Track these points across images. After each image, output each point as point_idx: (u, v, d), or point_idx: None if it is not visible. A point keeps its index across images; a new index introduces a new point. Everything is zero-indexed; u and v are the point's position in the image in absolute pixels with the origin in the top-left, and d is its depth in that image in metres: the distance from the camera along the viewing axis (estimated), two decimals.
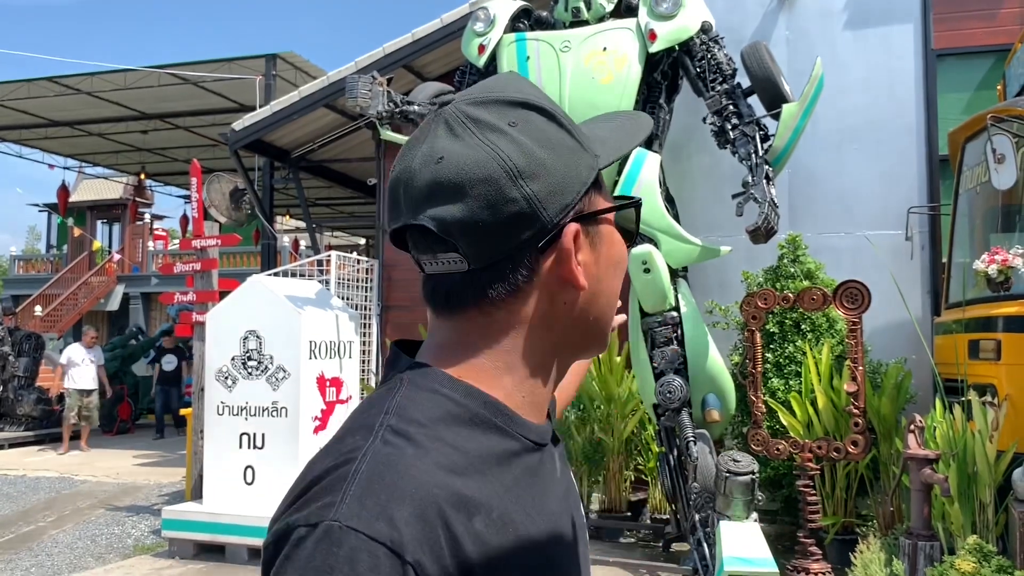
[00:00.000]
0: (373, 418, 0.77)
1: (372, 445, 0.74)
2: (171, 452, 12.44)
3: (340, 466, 0.72)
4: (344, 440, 0.77)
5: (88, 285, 23.56)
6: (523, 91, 0.83)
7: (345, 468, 0.72)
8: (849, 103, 7.48)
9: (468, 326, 0.83)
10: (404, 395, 0.79)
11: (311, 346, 6.77)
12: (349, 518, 0.67)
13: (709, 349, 5.72)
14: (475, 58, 6.31)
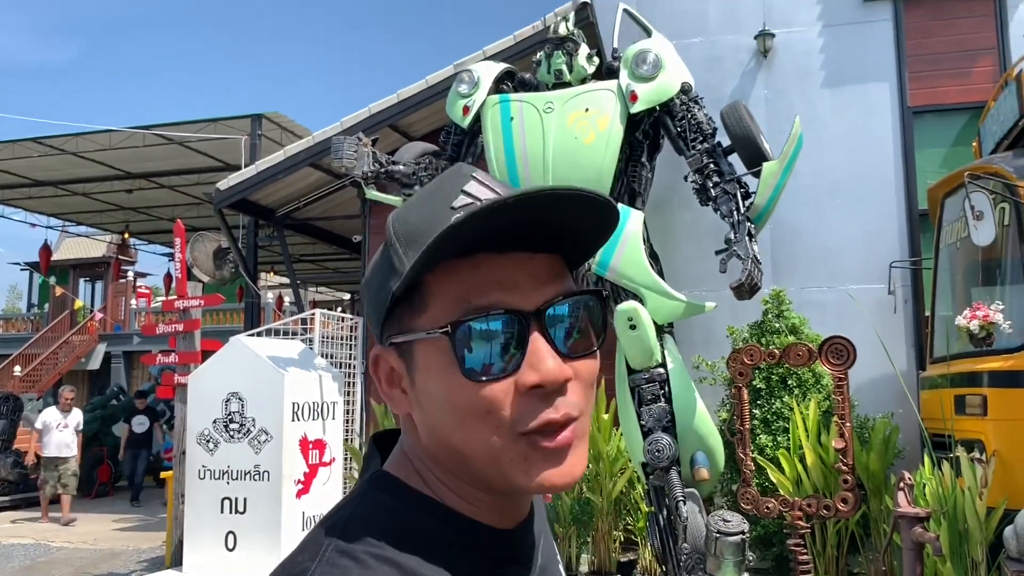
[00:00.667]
0: (323, 536, 0.76)
1: (318, 567, 0.73)
2: (151, 516, 12.17)
3: None
4: (295, 559, 0.76)
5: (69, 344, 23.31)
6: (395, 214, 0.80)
7: None
8: (829, 160, 7.59)
9: (406, 424, 0.83)
10: (359, 508, 0.79)
11: (294, 408, 6.69)
12: None
13: (697, 406, 5.69)
14: (460, 119, 6.37)
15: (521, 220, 0.73)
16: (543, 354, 0.73)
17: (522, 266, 0.76)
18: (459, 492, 0.79)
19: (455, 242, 0.71)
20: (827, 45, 7.83)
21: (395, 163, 6.42)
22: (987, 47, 7.58)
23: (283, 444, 6.52)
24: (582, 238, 0.79)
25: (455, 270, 0.74)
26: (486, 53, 8.40)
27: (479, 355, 0.73)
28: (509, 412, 0.73)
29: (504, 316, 0.73)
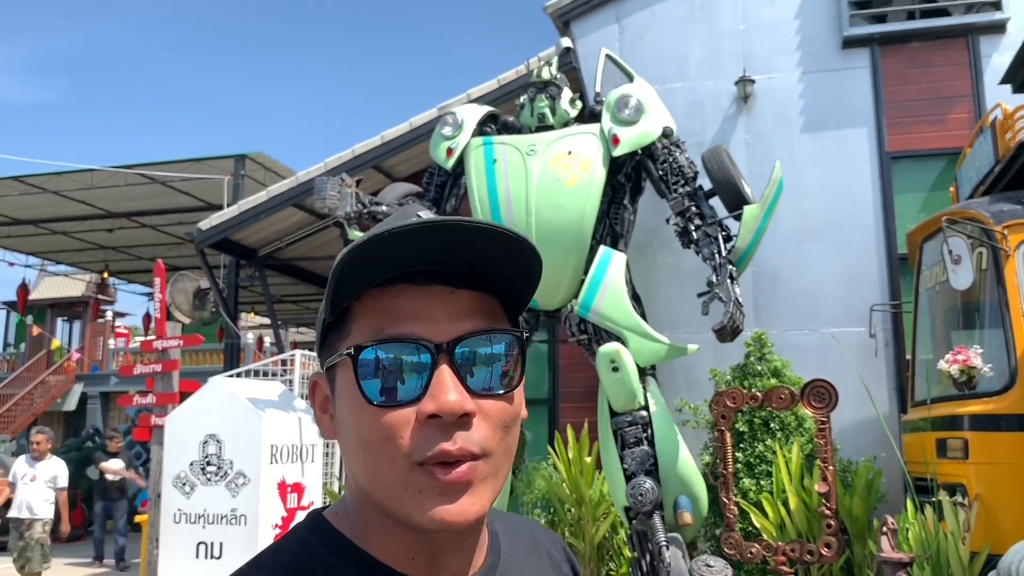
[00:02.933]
0: (244, 567, 0.80)
1: None
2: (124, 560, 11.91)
3: None
4: None
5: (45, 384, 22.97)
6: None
7: None
8: (809, 204, 7.66)
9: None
10: (280, 544, 0.83)
11: (272, 450, 6.59)
12: None
13: (680, 449, 5.66)
14: (443, 161, 6.40)
15: (435, 251, 0.74)
16: (445, 386, 0.73)
17: (442, 299, 0.76)
18: (385, 541, 0.79)
19: (371, 269, 0.74)
20: (806, 91, 7.95)
21: (378, 204, 6.43)
22: (963, 94, 7.73)
23: (261, 487, 6.41)
24: (509, 278, 0.79)
25: (376, 299, 0.76)
26: (470, 96, 8.46)
27: (381, 381, 0.74)
28: (407, 441, 0.73)
29: (411, 345, 0.74)
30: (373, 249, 0.73)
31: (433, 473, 0.73)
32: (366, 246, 0.72)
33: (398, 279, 0.76)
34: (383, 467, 0.74)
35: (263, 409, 6.68)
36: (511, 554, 0.91)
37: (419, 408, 0.73)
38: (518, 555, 0.93)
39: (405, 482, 0.73)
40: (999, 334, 5.30)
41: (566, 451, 6.80)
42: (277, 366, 9.06)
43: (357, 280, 0.76)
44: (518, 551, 0.94)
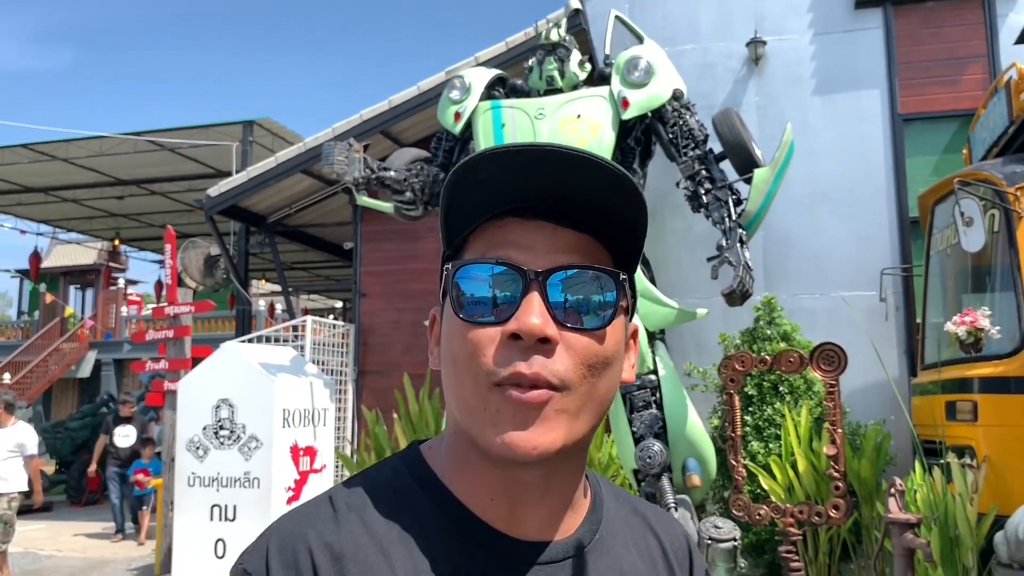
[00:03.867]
0: (338, 484, 0.86)
1: (307, 503, 0.84)
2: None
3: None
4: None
5: (59, 352, 23.19)
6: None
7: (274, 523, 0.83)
8: (820, 167, 7.61)
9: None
10: (375, 468, 0.87)
11: (284, 414, 6.65)
12: (243, 559, 0.79)
13: (688, 413, 5.69)
14: (451, 125, 6.37)
15: (541, 181, 0.77)
16: (531, 308, 0.74)
17: (545, 234, 0.78)
18: (467, 478, 0.81)
19: (480, 200, 0.78)
20: (818, 52, 7.85)
21: (386, 169, 6.41)
22: (977, 54, 7.62)
23: (273, 451, 6.48)
24: (614, 221, 0.80)
25: (485, 230, 0.80)
26: (478, 59, 8.40)
27: (475, 300, 0.77)
28: (488, 359, 0.75)
29: (506, 268, 0.76)
30: (483, 170, 0.76)
31: (508, 394, 0.74)
32: (475, 165, 0.76)
33: (506, 213, 0.79)
34: (466, 385, 0.76)
35: (275, 374, 6.73)
36: (614, 535, 0.89)
37: (504, 329, 0.75)
38: (622, 538, 0.90)
39: (484, 401, 0.75)
40: (1010, 297, 5.28)
41: None
42: (288, 332, 9.12)
43: (468, 212, 0.80)
44: (625, 534, 0.91)
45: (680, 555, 0.95)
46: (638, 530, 0.93)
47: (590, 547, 0.85)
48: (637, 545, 0.91)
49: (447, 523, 0.80)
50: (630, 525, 0.93)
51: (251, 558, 0.78)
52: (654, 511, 0.98)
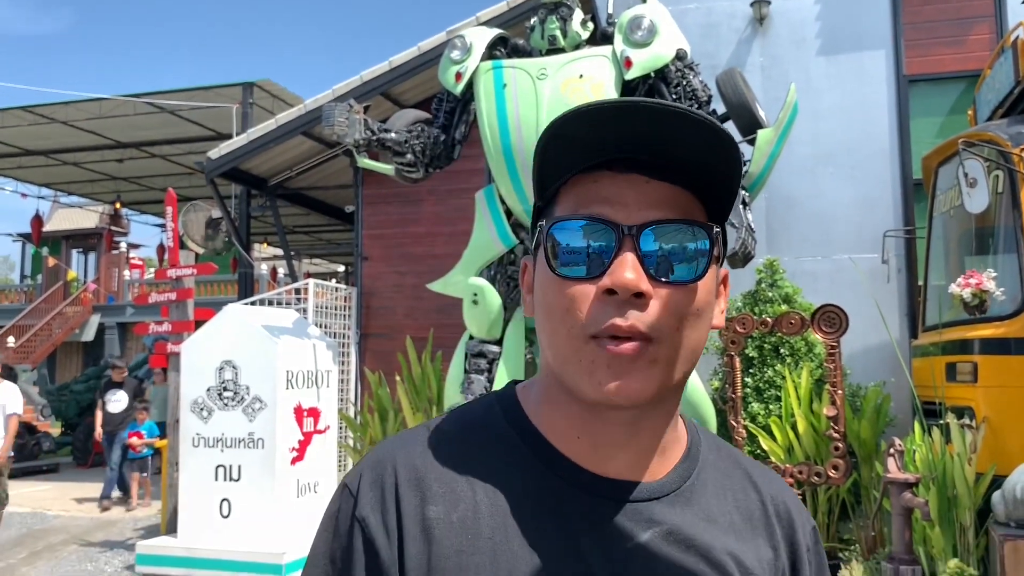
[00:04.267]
0: (435, 418, 0.92)
1: (402, 433, 0.90)
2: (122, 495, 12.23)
3: None
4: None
5: (63, 315, 23.26)
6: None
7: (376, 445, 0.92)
8: (824, 128, 7.56)
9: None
10: (473, 403, 0.93)
11: (288, 376, 6.69)
12: (346, 476, 0.87)
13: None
14: (452, 85, 6.31)
15: (633, 134, 0.77)
16: (625, 264, 0.76)
17: (637, 187, 0.79)
18: (556, 418, 0.85)
19: (574, 154, 0.80)
20: (823, 12, 7.76)
21: (387, 131, 6.37)
22: (984, 14, 7.53)
23: (277, 412, 6.53)
24: (707, 172, 0.80)
25: (578, 183, 0.81)
26: (479, 19, 8.31)
27: (569, 255, 0.79)
28: (583, 314, 0.77)
29: (600, 225, 0.78)
30: (573, 127, 0.77)
31: (603, 345, 0.77)
32: (566, 121, 0.77)
33: (599, 167, 0.80)
34: (560, 336, 0.79)
35: (278, 336, 6.76)
36: (705, 484, 0.89)
37: (599, 284, 0.77)
38: (716, 487, 0.90)
39: (578, 352, 0.78)
40: (1013, 258, 5.27)
41: None
42: (291, 295, 9.14)
43: (561, 165, 0.81)
44: (720, 484, 0.91)
45: (783, 515, 0.93)
46: (737, 483, 0.92)
47: (679, 492, 0.86)
48: (735, 497, 0.91)
49: (530, 456, 0.84)
50: (729, 476, 0.92)
51: (351, 475, 0.86)
52: (759, 468, 0.97)
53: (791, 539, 0.92)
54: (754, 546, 0.88)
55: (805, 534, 0.94)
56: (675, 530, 0.83)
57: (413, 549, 0.79)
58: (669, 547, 0.82)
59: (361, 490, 0.83)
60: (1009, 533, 4.26)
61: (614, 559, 0.80)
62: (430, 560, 0.78)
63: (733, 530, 0.88)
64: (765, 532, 0.90)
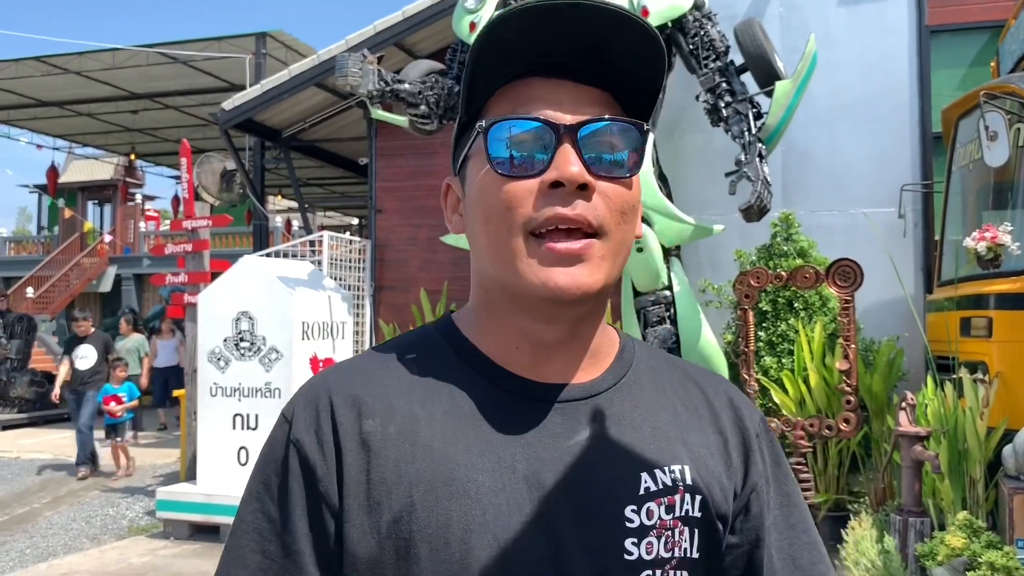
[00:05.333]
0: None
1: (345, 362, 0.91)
2: (165, 433, 12.45)
3: None
4: None
5: (80, 267, 23.44)
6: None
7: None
8: (842, 80, 7.44)
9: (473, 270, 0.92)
10: (413, 330, 0.94)
11: (304, 327, 6.75)
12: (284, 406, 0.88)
13: (702, 328, 5.73)
14: (466, 36, 6.25)
15: (561, 37, 0.78)
16: (568, 157, 0.78)
17: (568, 90, 0.81)
18: (493, 330, 0.86)
19: (503, 61, 0.80)
20: None
21: (401, 82, 6.33)
22: None
23: (293, 362, 6.60)
24: (632, 74, 0.82)
25: (509, 91, 0.82)
26: None
27: (508, 153, 0.79)
28: (527, 209, 0.78)
29: (539, 122, 0.79)
30: (503, 30, 0.77)
31: (549, 243, 0.78)
32: (496, 27, 0.77)
33: (529, 74, 0.81)
34: (502, 236, 0.79)
35: (294, 287, 6.81)
36: (642, 381, 0.90)
37: (542, 179, 0.78)
38: (652, 384, 0.90)
39: (521, 251, 0.79)
40: None
41: None
42: (305, 247, 9.17)
43: (491, 74, 0.81)
44: (656, 381, 0.91)
45: (727, 405, 0.93)
46: (676, 379, 0.93)
47: (615, 388, 0.87)
48: (675, 391, 0.91)
49: (466, 367, 0.85)
50: (666, 374, 0.93)
51: (287, 404, 0.87)
52: (698, 367, 0.98)
53: (739, 425, 0.92)
54: (700, 431, 0.89)
55: (753, 422, 0.93)
56: (614, 423, 0.84)
57: (352, 463, 0.79)
58: (607, 441, 0.83)
59: (296, 414, 0.83)
60: (1019, 486, 4.29)
61: (553, 458, 0.81)
62: (369, 472, 0.78)
63: (676, 419, 0.88)
64: (710, 419, 0.91)
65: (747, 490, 0.90)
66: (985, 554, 3.94)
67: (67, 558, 6.27)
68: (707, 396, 0.93)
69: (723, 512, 0.86)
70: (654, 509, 0.81)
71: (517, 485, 0.79)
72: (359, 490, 0.78)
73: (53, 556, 6.38)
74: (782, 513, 0.92)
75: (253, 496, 0.83)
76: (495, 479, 0.79)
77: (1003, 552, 3.95)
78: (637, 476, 0.82)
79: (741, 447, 0.91)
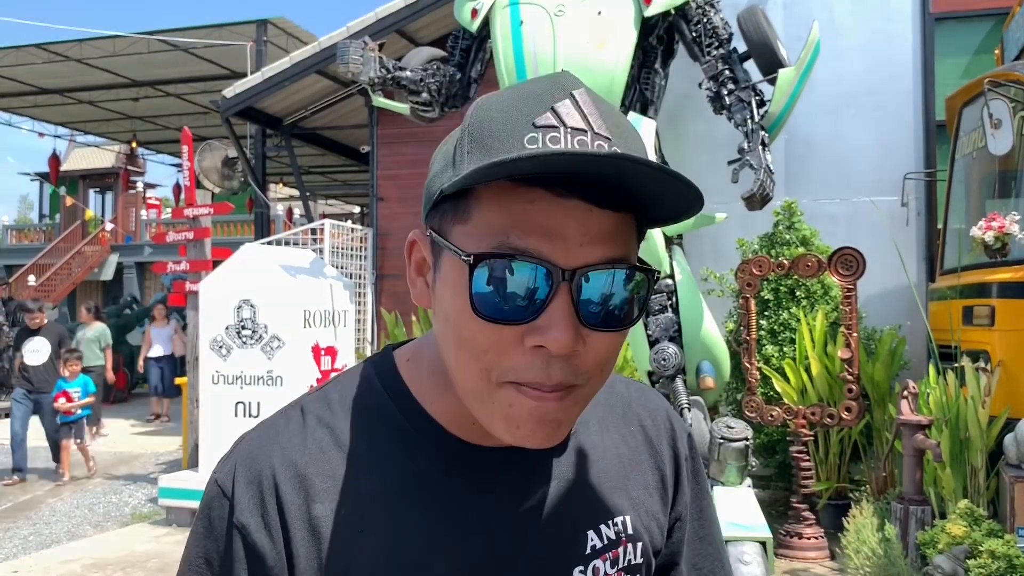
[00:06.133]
0: (307, 393, 0.87)
1: (276, 415, 0.85)
2: (167, 422, 12.48)
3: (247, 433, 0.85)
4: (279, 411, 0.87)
5: (82, 255, 23.45)
6: (481, 100, 0.75)
7: (246, 434, 0.84)
8: (846, 68, 7.41)
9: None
10: (345, 376, 0.87)
11: (305, 315, 6.75)
12: (216, 471, 0.81)
13: (704, 316, 5.72)
14: (468, 23, 6.22)
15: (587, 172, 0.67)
16: (559, 319, 0.68)
17: (577, 218, 0.68)
18: (449, 405, 0.80)
19: (513, 170, 0.65)
20: None
21: (402, 69, 6.31)
22: None
23: (295, 350, 6.61)
24: (658, 203, 0.71)
25: (507, 194, 0.68)
26: None
27: (495, 295, 0.68)
28: (506, 361, 0.70)
29: (536, 265, 0.67)
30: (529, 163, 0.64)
31: (526, 393, 0.70)
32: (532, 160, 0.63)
33: (535, 181, 0.68)
34: (472, 373, 0.72)
35: (295, 275, 6.81)
36: (585, 421, 0.89)
37: (527, 333, 0.68)
38: (599, 425, 0.91)
39: (492, 396, 0.71)
40: None
41: None
42: (307, 235, 9.17)
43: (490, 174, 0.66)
44: (601, 418, 0.91)
45: (664, 431, 0.96)
46: (618, 410, 0.94)
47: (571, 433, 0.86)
48: (619, 429, 0.93)
49: (418, 439, 0.81)
50: (607, 407, 0.93)
51: (223, 473, 0.80)
52: (636, 387, 0.99)
53: (674, 450, 0.95)
54: (640, 472, 0.91)
55: (684, 444, 0.97)
56: (564, 479, 0.84)
57: (302, 551, 0.76)
58: (555, 501, 0.83)
59: (237, 493, 0.78)
60: (1020, 475, 4.30)
61: (504, 528, 0.80)
62: (321, 559, 0.76)
63: (619, 461, 0.90)
64: (650, 455, 0.93)
65: (673, 517, 0.95)
66: (986, 542, 3.94)
67: (70, 544, 6.30)
68: (645, 429, 0.94)
69: (658, 547, 0.91)
70: (600, 566, 0.83)
71: (470, 562, 0.79)
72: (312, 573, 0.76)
73: (56, 543, 6.41)
74: (692, 528, 0.97)
75: (193, 570, 0.79)
76: (447, 560, 0.78)
77: (1004, 540, 3.96)
78: (583, 535, 0.83)
79: (674, 477, 0.95)
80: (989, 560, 3.87)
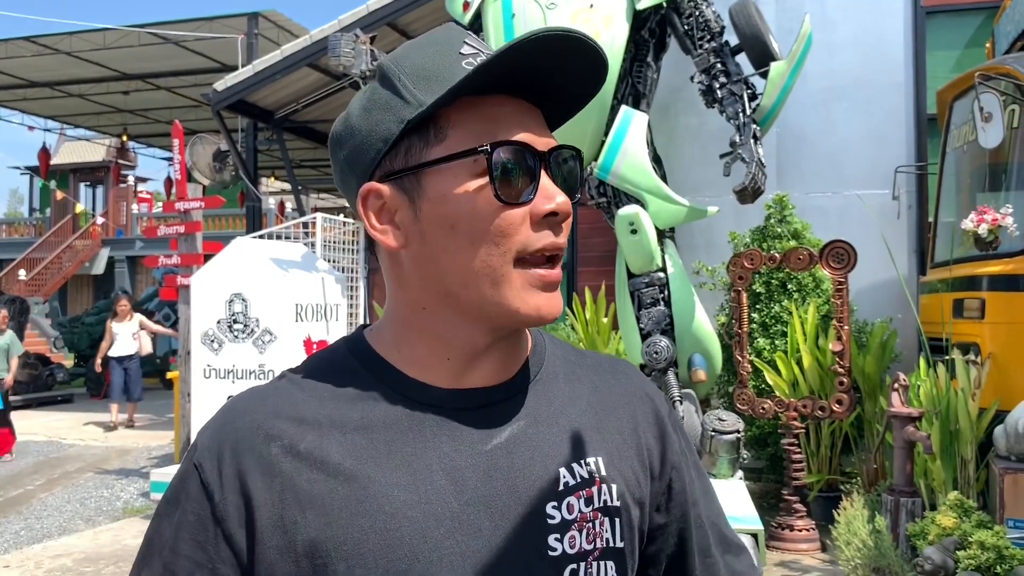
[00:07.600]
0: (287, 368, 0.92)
1: (255, 386, 0.90)
2: (159, 415, 12.45)
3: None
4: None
5: (72, 249, 23.37)
6: (392, 57, 0.85)
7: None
8: (838, 61, 7.42)
9: (390, 286, 0.90)
10: (325, 350, 0.92)
11: (297, 309, 6.74)
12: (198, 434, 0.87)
13: (696, 310, 5.73)
14: (460, 15, 6.21)
15: (528, 66, 0.79)
16: (555, 188, 0.81)
17: (530, 113, 0.83)
18: (415, 352, 0.85)
19: (479, 80, 0.78)
20: None
21: None
22: None
23: (287, 344, 6.60)
24: (565, 95, 0.85)
25: (477, 106, 0.80)
26: None
27: (509, 180, 0.79)
28: (523, 236, 0.80)
29: (530, 151, 0.80)
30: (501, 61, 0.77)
31: (538, 271, 0.81)
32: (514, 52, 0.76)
33: (497, 89, 0.80)
34: (493, 261, 0.79)
35: (287, 269, 6.79)
36: (556, 374, 0.92)
37: (534, 208, 0.80)
38: (567, 377, 0.93)
39: (512, 278, 0.80)
40: None
41: (584, 312, 6.91)
42: (299, 229, 9.14)
43: (463, 89, 0.79)
44: (569, 372, 0.93)
45: (638, 392, 0.97)
46: (587, 367, 0.96)
47: (529, 387, 0.88)
48: (588, 380, 0.94)
49: (382, 386, 0.84)
50: (575, 364, 0.96)
51: (198, 443, 0.86)
52: (605, 357, 1.01)
53: (651, 407, 0.96)
54: (613, 418, 0.92)
55: (662, 403, 0.98)
56: (531, 421, 0.86)
57: (262, 491, 0.78)
58: (524, 441, 0.84)
59: (204, 461, 0.82)
60: (1009, 466, 4.32)
61: (470, 464, 0.81)
62: (283, 494, 0.78)
63: (590, 408, 0.91)
64: (623, 404, 0.94)
65: (667, 469, 0.94)
66: (976, 533, 3.97)
67: (62, 539, 6.28)
68: (618, 382, 0.96)
69: (639, 496, 0.90)
70: (574, 503, 0.83)
71: (434, 496, 0.79)
72: (273, 512, 0.77)
73: (48, 537, 6.39)
74: (700, 484, 0.98)
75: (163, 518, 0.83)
76: (410, 493, 0.79)
77: (993, 531, 3.98)
78: (555, 472, 0.84)
79: (656, 427, 0.95)
80: (979, 551, 3.89)
